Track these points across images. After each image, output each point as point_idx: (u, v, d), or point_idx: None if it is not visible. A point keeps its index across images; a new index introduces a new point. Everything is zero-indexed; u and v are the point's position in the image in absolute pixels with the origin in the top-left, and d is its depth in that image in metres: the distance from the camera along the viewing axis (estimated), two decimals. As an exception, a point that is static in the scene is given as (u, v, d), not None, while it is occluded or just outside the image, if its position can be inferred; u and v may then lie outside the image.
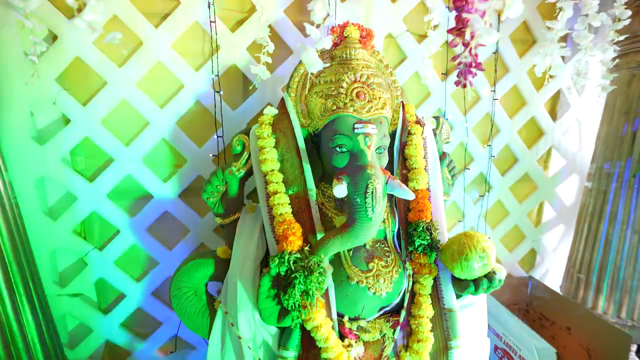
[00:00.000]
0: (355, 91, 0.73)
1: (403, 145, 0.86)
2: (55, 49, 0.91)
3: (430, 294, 0.77)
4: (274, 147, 0.79)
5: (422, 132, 0.87)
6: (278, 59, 1.02)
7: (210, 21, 0.94)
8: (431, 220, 0.81)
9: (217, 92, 0.99)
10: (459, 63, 0.56)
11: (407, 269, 0.78)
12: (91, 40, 0.92)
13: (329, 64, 0.78)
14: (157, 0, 0.94)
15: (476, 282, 0.70)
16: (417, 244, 0.76)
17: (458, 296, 0.78)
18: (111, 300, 1.13)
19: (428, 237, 0.76)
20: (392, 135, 0.86)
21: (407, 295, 0.76)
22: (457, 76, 0.57)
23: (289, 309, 0.66)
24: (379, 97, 0.75)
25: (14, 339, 0.81)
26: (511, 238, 1.39)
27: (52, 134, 0.96)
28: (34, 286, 0.86)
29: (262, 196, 0.78)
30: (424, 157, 0.86)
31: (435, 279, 0.78)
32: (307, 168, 0.79)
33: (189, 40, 0.98)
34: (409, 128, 0.86)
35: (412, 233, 0.78)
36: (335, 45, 0.80)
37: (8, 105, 0.90)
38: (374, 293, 0.73)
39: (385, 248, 0.79)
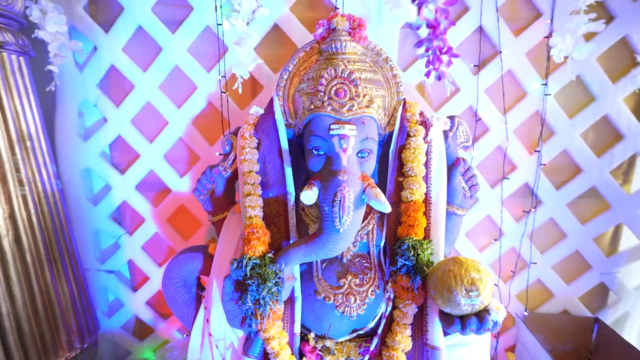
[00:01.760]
0: (334, 88, 0.66)
1: (401, 149, 0.75)
2: (96, 58, 1.05)
3: (411, 324, 0.66)
4: (255, 148, 0.77)
5: (426, 134, 0.75)
6: (284, 58, 1.00)
7: (218, 24, 0.97)
8: (425, 238, 0.70)
9: (224, 92, 1.01)
10: (427, 49, 0.45)
11: (387, 291, 0.68)
12: (121, 48, 1.03)
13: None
14: (175, 8, 1.01)
15: (464, 320, 0.57)
16: (399, 264, 0.66)
17: (446, 333, 0.65)
18: (139, 280, 1.27)
19: (412, 258, 0.65)
20: (390, 137, 0.77)
21: (384, 321, 0.67)
22: (426, 66, 0.46)
23: (244, 315, 0.64)
24: (364, 95, 0.67)
25: (51, 304, 0.97)
26: (569, 267, 1.12)
27: (94, 131, 1.11)
28: (70, 261, 1.01)
29: (241, 197, 0.78)
30: (426, 164, 0.74)
31: (422, 308, 0.67)
32: (288, 170, 0.75)
33: (202, 43, 1.03)
34: (408, 129, 0.75)
35: (396, 251, 0.68)
36: (323, 39, 0.74)
37: (62, 108, 1.08)
38: (343, 313, 0.66)
39: (365, 264, 0.70)
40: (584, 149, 1.01)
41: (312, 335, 0.68)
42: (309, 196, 0.63)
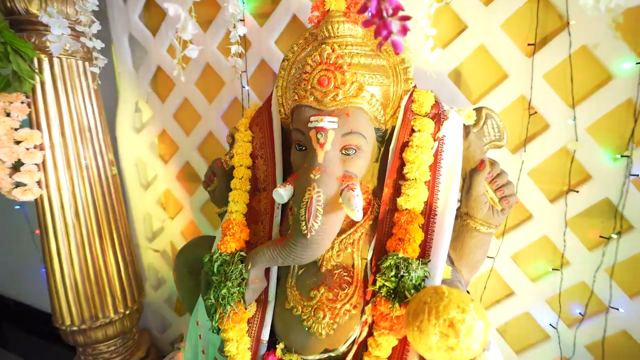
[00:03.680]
0: (318, 76, 0.59)
1: (403, 147, 0.63)
2: (147, 60, 1.18)
3: (389, 357, 0.54)
4: (248, 142, 0.75)
5: (437, 129, 0.62)
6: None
7: (240, 20, 0.98)
8: (420, 256, 0.57)
9: (244, 87, 1.03)
10: (373, 15, 0.35)
11: (365, 314, 0.58)
12: (165, 51, 1.14)
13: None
14: (207, 7, 1.06)
15: (440, 367, 0.44)
16: (378, 284, 0.55)
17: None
18: (178, 261, 1.39)
19: (394, 279, 0.54)
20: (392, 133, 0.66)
21: (355, 348, 0.57)
22: (375, 37, 0.36)
23: (209, 311, 0.62)
24: (352, 82, 0.58)
25: (100, 271, 1.13)
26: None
27: (146, 125, 1.26)
28: (118, 237, 1.17)
29: (234, 192, 0.76)
30: (433, 166, 0.61)
31: (405, 342, 0.55)
32: (279, 167, 0.71)
33: (229, 41, 1.06)
34: (412, 123, 0.63)
35: (379, 267, 0.57)
36: (319, 22, 0.67)
37: (122, 104, 1.25)
38: (309, 328, 0.59)
39: (345, 277, 0.61)
40: None
41: (281, 346, 0.63)
42: (279, 195, 0.58)
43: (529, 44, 0.76)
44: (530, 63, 0.76)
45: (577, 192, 0.78)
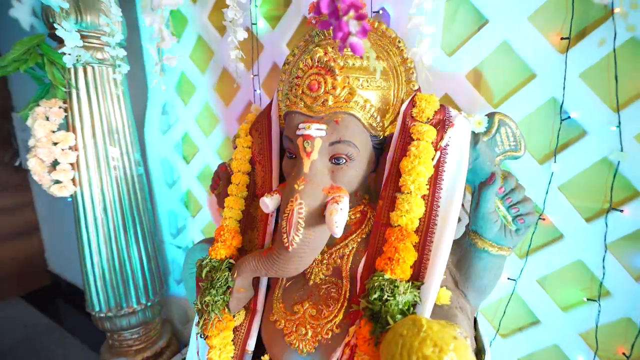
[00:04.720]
0: (309, 80, 0.57)
1: (401, 156, 0.58)
2: (172, 66, 1.24)
3: (371, 386, 0.50)
4: (248, 147, 0.75)
5: (439, 137, 0.56)
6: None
7: (252, 23, 0.98)
8: (413, 279, 0.52)
9: (256, 90, 1.03)
10: (330, 15, 0.31)
11: (348, 335, 0.54)
12: (188, 55, 1.18)
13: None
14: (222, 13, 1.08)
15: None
16: (361, 306, 0.51)
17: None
18: (198, 258, 1.45)
19: (378, 302, 0.49)
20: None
21: (336, 370, 0.53)
22: (333, 38, 0.33)
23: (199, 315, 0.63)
24: (344, 86, 0.55)
25: (124, 264, 1.21)
26: None
27: (171, 127, 1.32)
28: (142, 232, 1.24)
29: (233, 196, 0.76)
30: (433, 178, 0.55)
31: (389, 370, 0.50)
32: (276, 173, 0.70)
33: (244, 44, 1.07)
34: (411, 131, 0.57)
35: (365, 288, 0.53)
36: (316, 23, 0.64)
37: (150, 107, 1.33)
38: (291, 344, 0.56)
39: (333, 293, 0.58)
40: None
41: (266, 358, 0.61)
42: (265, 204, 0.56)
43: (562, 38, 0.65)
44: (564, 60, 0.65)
45: (621, 211, 0.66)
